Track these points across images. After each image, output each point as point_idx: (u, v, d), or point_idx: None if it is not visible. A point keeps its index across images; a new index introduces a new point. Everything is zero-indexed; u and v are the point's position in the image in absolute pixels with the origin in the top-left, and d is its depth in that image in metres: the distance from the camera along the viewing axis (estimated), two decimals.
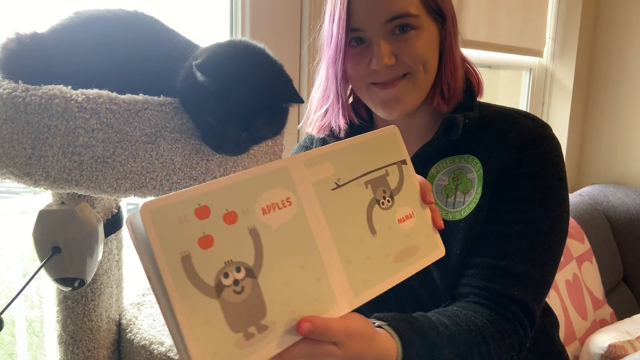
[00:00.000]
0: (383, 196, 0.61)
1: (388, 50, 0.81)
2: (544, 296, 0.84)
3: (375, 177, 0.61)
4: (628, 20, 2.36)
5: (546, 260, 0.82)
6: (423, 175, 0.88)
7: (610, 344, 1.66)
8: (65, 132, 0.64)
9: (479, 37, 2.02)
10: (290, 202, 0.53)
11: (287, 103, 0.73)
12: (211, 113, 0.68)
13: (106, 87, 0.67)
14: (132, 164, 0.68)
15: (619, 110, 2.44)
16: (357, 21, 0.82)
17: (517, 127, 0.86)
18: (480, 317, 0.77)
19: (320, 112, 0.95)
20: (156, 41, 0.76)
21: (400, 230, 0.62)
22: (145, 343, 0.85)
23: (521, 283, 0.80)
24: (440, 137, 0.87)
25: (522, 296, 0.79)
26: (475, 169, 0.85)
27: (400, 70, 0.83)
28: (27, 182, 0.66)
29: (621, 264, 2.14)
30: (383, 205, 0.61)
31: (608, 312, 1.96)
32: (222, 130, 0.69)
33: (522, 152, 0.84)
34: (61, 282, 0.75)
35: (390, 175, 0.63)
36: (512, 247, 0.81)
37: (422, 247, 0.63)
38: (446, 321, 0.74)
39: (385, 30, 0.81)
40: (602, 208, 2.19)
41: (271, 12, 1.37)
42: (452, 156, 0.88)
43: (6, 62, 0.70)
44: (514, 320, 0.79)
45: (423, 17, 0.82)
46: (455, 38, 0.87)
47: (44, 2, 1.09)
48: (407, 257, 0.61)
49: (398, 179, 0.63)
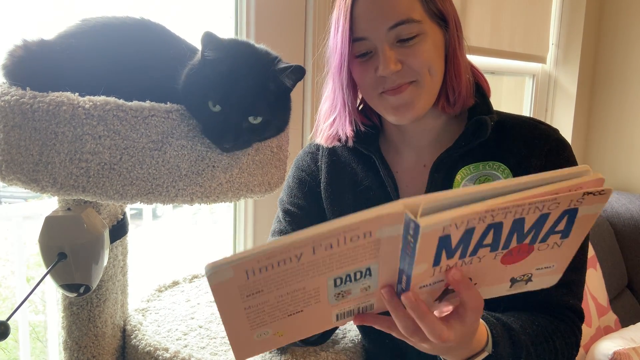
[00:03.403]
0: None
1: (394, 56, 0.82)
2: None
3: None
4: (631, 26, 2.36)
5: (584, 263, 0.87)
6: (449, 181, 0.88)
7: (615, 351, 1.65)
8: (72, 138, 0.65)
9: (482, 43, 2.03)
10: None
11: (285, 77, 0.73)
12: (213, 95, 0.69)
13: (113, 94, 0.68)
14: (138, 171, 0.68)
15: (622, 117, 2.43)
16: (361, 30, 0.83)
17: (539, 133, 0.88)
18: (544, 321, 0.82)
19: (329, 122, 0.95)
20: (162, 48, 0.76)
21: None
22: (150, 349, 0.85)
23: (572, 290, 0.85)
24: (468, 139, 0.87)
25: (573, 302, 0.85)
26: (504, 175, 0.86)
27: (407, 77, 0.83)
28: (34, 189, 0.66)
29: (625, 270, 2.13)
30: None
31: (612, 319, 1.95)
32: (224, 119, 0.69)
33: (549, 158, 0.86)
34: (67, 288, 0.75)
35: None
36: None
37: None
38: (512, 317, 0.79)
39: (389, 37, 0.82)
40: (606, 214, 2.19)
41: (275, 24, 1.38)
42: (475, 162, 0.88)
43: (13, 69, 0.70)
44: (571, 324, 0.84)
45: (426, 22, 0.83)
46: (459, 42, 0.88)
47: (51, 10, 1.10)
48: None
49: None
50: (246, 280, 0.47)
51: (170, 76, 0.73)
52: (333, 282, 0.51)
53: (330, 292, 0.52)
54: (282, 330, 0.55)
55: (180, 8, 1.34)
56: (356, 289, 0.54)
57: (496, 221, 0.49)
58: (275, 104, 0.74)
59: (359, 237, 0.47)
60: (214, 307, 1.05)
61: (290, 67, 0.71)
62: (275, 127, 0.76)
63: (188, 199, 0.71)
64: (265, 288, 0.49)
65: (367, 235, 0.47)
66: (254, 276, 0.47)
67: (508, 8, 2.11)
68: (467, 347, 0.67)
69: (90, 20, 0.75)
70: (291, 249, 0.46)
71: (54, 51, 0.72)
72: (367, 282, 0.53)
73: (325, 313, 0.56)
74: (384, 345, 0.94)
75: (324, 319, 0.57)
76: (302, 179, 1.02)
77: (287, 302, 0.51)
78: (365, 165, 0.95)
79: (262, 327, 0.53)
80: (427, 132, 0.93)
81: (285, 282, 0.49)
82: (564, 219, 0.52)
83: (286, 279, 0.49)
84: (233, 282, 0.47)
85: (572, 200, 0.49)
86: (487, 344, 0.69)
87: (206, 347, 0.88)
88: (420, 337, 0.59)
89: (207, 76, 0.70)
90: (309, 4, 1.43)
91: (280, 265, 0.47)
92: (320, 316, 0.56)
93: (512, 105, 2.57)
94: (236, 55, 0.72)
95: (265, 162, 0.80)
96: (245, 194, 0.78)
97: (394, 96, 0.84)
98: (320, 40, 0.98)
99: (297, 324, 0.55)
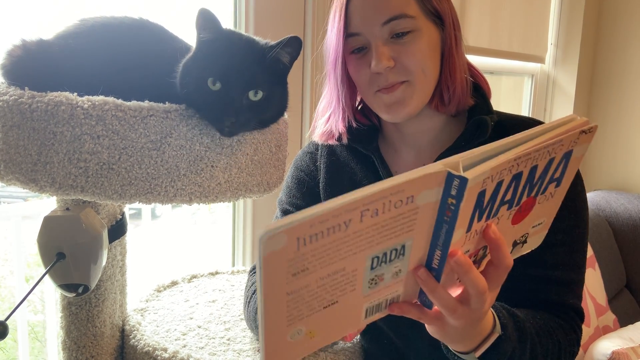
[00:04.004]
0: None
1: (387, 52, 0.82)
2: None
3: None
4: (630, 26, 2.37)
5: (583, 263, 0.88)
6: None
7: (614, 350, 1.65)
8: (71, 138, 0.65)
9: (481, 43, 2.03)
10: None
11: (281, 51, 0.73)
12: (212, 72, 0.69)
13: (112, 93, 0.68)
14: (137, 171, 0.68)
15: (621, 117, 2.44)
16: (355, 26, 0.83)
17: None
18: (547, 316, 0.82)
19: (324, 118, 0.96)
20: (161, 48, 0.76)
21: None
22: (149, 349, 0.85)
23: (572, 289, 0.86)
24: (468, 139, 0.87)
25: (573, 301, 0.85)
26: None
27: (401, 75, 0.83)
28: (33, 188, 0.66)
29: (624, 270, 2.14)
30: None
31: (611, 319, 1.96)
32: (224, 96, 0.69)
33: None
34: (65, 288, 0.75)
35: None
36: (558, 257, 0.85)
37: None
38: (515, 309, 0.78)
39: (383, 33, 0.82)
40: (605, 214, 2.19)
41: (274, 24, 1.38)
42: None
43: (12, 68, 0.70)
44: (571, 322, 0.84)
45: (420, 19, 0.83)
46: (456, 42, 0.87)
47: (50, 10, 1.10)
48: None
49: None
50: (296, 251, 0.46)
51: (169, 76, 0.73)
52: (370, 262, 0.52)
53: (366, 276, 0.53)
54: (315, 329, 0.55)
55: (179, 8, 1.34)
56: (388, 273, 0.55)
57: (519, 170, 0.53)
58: (274, 80, 0.74)
59: (402, 202, 0.48)
60: (212, 307, 1.05)
61: (285, 39, 0.72)
62: (274, 106, 0.76)
63: (187, 198, 0.71)
64: (311, 265, 0.48)
65: (409, 200, 0.48)
66: (304, 246, 0.46)
67: (507, 8, 2.12)
68: (481, 327, 0.66)
69: (88, 20, 0.75)
70: (342, 212, 0.46)
71: (53, 51, 0.72)
72: (399, 264, 0.54)
73: (358, 306, 0.56)
74: (383, 346, 0.94)
75: (355, 315, 0.57)
76: (301, 179, 1.02)
77: (327, 287, 0.52)
78: (364, 164, 0.95)
79: (298, 323, 0.53)
80: (426, 132, 0.93)
81: (330, 258, 0.49)
82: (562, 163, 0.58)
83: (331, 255, 0.49)
84: (284, 253, 0.46)
85: (572, 140, 0.56)
86: (494, 326, 0.69)
87: (205, 347, 0.88)
88: (459, 313, 0.58)
89: (204, 56, 0.71)
90: (308, 4, 1.43)
91: (330, 234, 0.47)
92: (353, 310, 0.57)
93: (511, 105, 2.57)
94: (231, 35, 0.73)
95: (264, 161, 0.80)
96: (244, 193, 0.78)
97: (387, 94, 0.84)
98: (320, 40, 0.99)
99: (330, 320, 0.55)
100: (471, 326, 0.63)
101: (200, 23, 0.70)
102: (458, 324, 0.60)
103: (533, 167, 0.55)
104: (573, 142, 0.56)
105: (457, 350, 0.69)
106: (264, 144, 0.80)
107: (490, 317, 0.68)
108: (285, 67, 0.76)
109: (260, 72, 0.71)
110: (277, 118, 0.79)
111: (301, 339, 0.55)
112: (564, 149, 0.56)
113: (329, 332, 0.58)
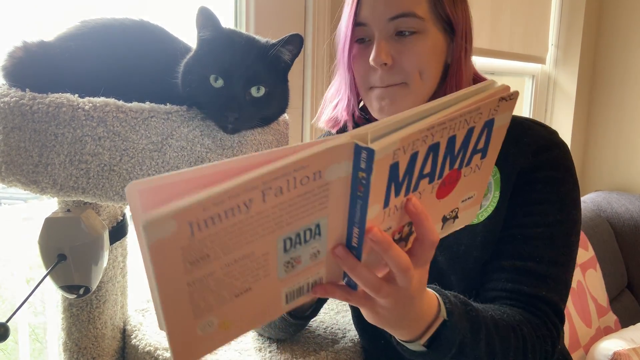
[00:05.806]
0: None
1: (387, 48, 0.82)
2: (567, 297, 0.86)
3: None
4: (630, 26, 2.37)
5: (567, 261, 0.85)
6: None
7: (615, 351, 1.65)
8: (72, 140, 0.65)
9: (481, 44, 2.03)
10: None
11: (282, 48, 0.73)
12: (214, 69, 0.69)
13: (113, 95, 0.68)
14: (138, 172, 0.68)
15: (622, 117, 2.44)
16: (363, 16, 0.84)
17: (531, 133, 0.87)
18: (512, 311, 0.78)
19: (332, 104, 0.96)
20: (162, 49, 0.76)
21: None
22: (150, 349, 0.85)
23: (548, 283, 0.82)
24: None
25: (550, 296, 0.82)
26: (492, 173, 0.86)
27: (396, 77, 0.83)
28: (34, 190, 0.66)
29: (625, 271, 2.14)
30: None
31: (612, 320, 1.96)
32: (227, 92, 0.69)
33: (538, 157, 0.85)
34: (66, 289, 0.75)
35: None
36: (536, 249, 0.83)
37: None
38: (480, 306, 0.75)
39: (388, 29, 0.82)
40: (606, 215, 2.19)
41: (275, 24, 1.38)
42: None
43: (13, 70, 0.70)
44: (544, 318, 0.80)
45: (429, 22, 0.82)
46: (466, 54, 0.87)
47: (51, 12, 1.10)
48: None
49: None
50: (190, 237, 0.41)
51: (170, 77, 0.73)
52: (283, 244, 0.48)
53: (280, 259, 0.49)
54: (229, 320, 0.50)
55: (179, 9, 1.34)
56: (306, 255, 0.51)
57: (435, 141, 0.50)
58: (276, 77, 0.74)
59: (309, 178, 0.44)
60: None
61: (287, 36, 0.72)
62: (276, 103, 0.76)
63: None
64: (212, 252, 0.43)
65: (317, 176, 0.45)
66: (199, 232, 0.41)
67: (507, 9, 2.11)
68: (420, 310, 0.61)
69: (89, 21, 0.75)
70: (240, 192, 0.41)
71: (54, 52, 0.72)
72: (317, 244, 0.51)
73: (275, 292, 0.52)
74: (379, 346, 0.94)
75: (274, 301, 0.53)
76: None
77: (235, 274, 0.47)
78: None
79: (207, 315, 0.48)
80: None
81: (233, 243, 0.44)
82: (484, 133, 0.55)
83: (234, 239, 0.44)
84: (175, 240, 0.40)
85: (491, 108, 0.53)
86: (439, 311, 0.64)
87: None
88: (385, 292, 0.55)
89: (205, 54, 0.71)
90: (308, 4, 1.43)
91: (229, 217, 0.42)
92: (270, 296, 0.52)
93: None
94: (232, 33, 0.73)
95: None
96: None
97: (380, 89, 0.85)
98: (320, 40, 0.99)
99: (246, 309, 0.51)
100: (403, 307, 0.58)
101: (200, 21, 0.70)
102: (387, 303, 0.56)
103: (451, 137, 0.51)
104: (493, 110, 0.53)
105: (403, 339, 0.65)
106: (265, 144, 0.80)
107: (433, 302, 0.64)
108: (287, 64, 0.76)
109: (262, 69, 0.71)
110: (279, 115, 0.80)
111: (213, 331, 0.50)
112: (483, 118, 0.53)
113: (245, 322, 0.53)
